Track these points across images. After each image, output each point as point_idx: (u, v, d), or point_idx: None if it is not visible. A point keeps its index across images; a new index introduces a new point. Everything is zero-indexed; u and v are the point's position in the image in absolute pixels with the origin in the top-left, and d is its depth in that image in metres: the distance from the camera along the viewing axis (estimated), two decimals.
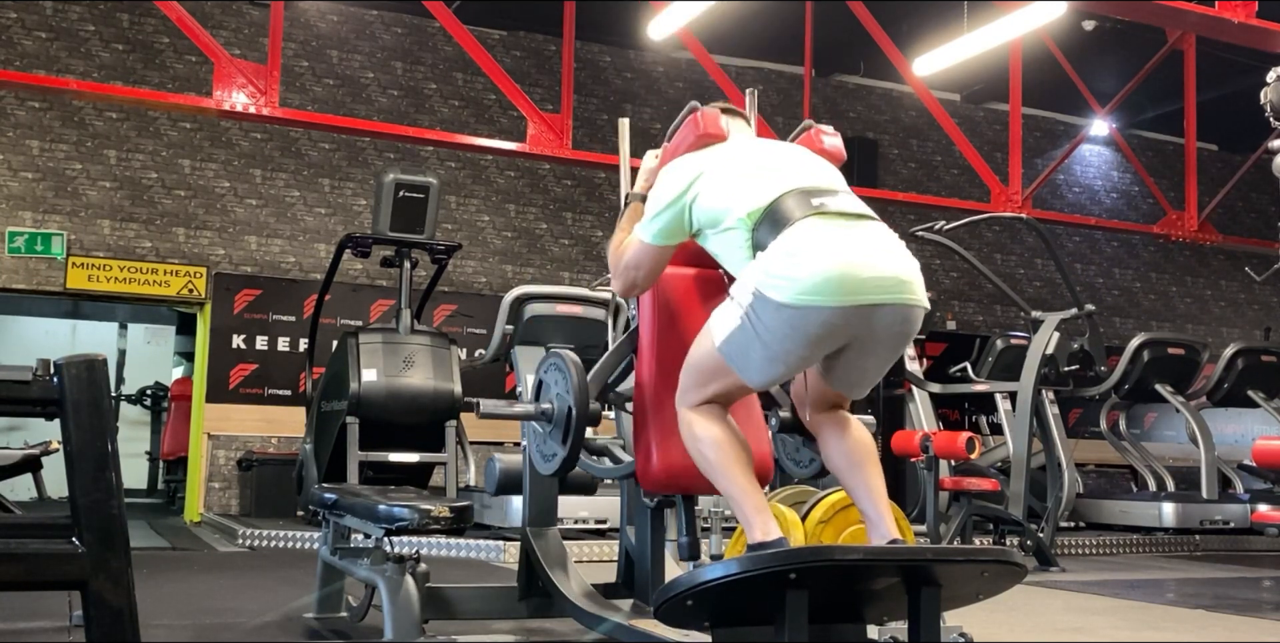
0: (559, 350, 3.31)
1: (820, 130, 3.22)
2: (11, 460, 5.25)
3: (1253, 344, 10.03)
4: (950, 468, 7.39)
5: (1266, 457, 5.63)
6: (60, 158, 9.78)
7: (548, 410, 3.25)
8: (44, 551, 2.21)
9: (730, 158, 2.99)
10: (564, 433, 3.19)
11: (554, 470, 3.29)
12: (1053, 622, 4.83)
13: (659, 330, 3.19)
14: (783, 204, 2.76)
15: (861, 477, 2.89)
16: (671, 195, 2.99)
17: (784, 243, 2.69)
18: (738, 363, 2.78)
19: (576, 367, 3.16)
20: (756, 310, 2.68)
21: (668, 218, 3.00)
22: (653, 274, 3.12)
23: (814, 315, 2.62)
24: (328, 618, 4.15)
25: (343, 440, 7.53)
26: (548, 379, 3.31)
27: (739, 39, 11.03)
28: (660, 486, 3.17)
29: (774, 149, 3.08)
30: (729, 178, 2.91)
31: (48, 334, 13.55)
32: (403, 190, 7.90)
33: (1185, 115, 11.38)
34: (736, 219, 2.83)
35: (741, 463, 2.84)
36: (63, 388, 2.23)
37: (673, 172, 3.04)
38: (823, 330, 2.65)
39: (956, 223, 7.84)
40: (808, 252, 2.65)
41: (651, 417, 3.13)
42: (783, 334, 2.67)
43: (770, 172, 2.89)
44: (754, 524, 2.75)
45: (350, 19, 10.91)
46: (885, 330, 2.72)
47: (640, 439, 3.16)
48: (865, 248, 2.70)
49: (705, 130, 3.09)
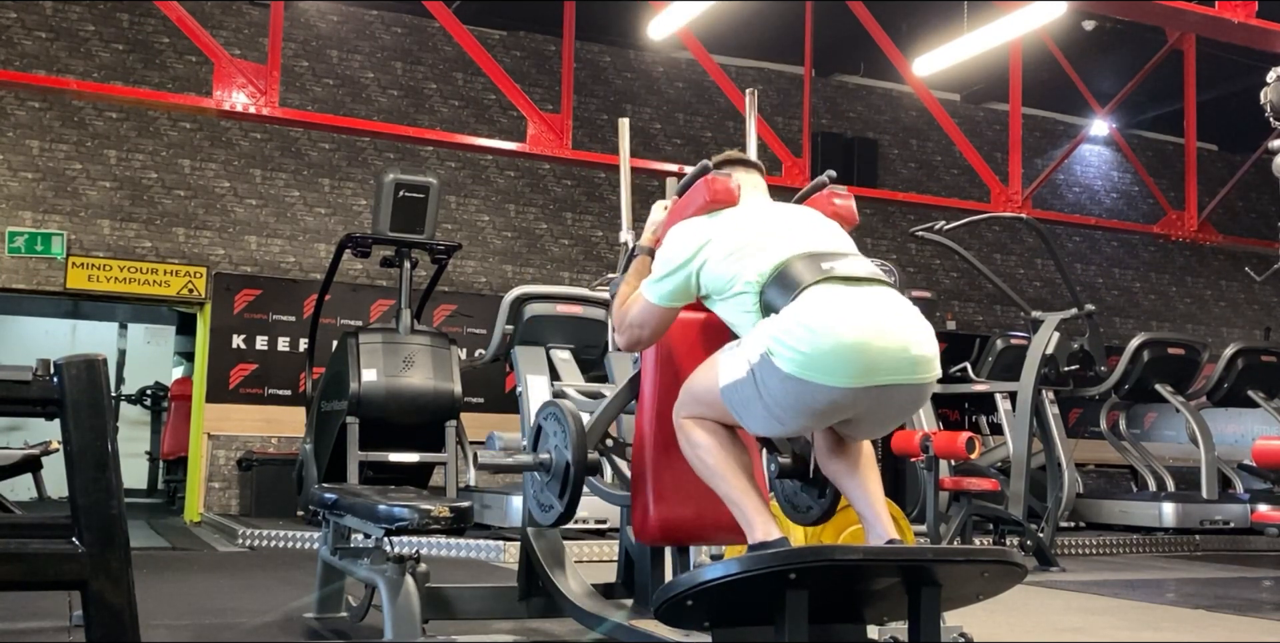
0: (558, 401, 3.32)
1: (833, 192, 3.19)
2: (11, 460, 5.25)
3: (1253, 344, 10.03)
4: (950, 468, 7.39)
5: (1266, 457, 5.63)
6: (60, 158, 9.79)
7: (546, 461, 3.28)
8: (44, 551, 2.21)
9: (739, 224, 2.96)
10: (561, 486, 3.21)
11: (552, 523, 3.32)
12: (1053, 622, 4.83)
13: (662, 380, 3.16)
14: (791, 267, 2.73)
15: (858, 479, 2.89)
16: (679, 260, 2.95)
17: (796, 311, 2.63)
18: (738, 411, 2.77)
19: (575, 418, 3.16)
20: (763, 374, 2.64)
21: (674, 281, 2.97)
22: (657, 333, 3.09)
23: (821, 393, 2.58)
24: (328, 618, 4.15)
25: (343, 440, 7.53)
26: (546, 428, 3.32)
27: (739, 39, 11.03)
28: (656, 540, 3.18)
29: (783, 213, 3.04)
30: (737, 245, 2.87)
31: (48, 334, 13.54)
32: (403, 190, 7.90)
33: (1185, 115, 11.38)
34: (745, 283, 2.80)
35: (740, 465, 2.84)
36: (63, 388, 2.23)
37: (681, 234, 3.01)
38: (828, 407, 2.63)
39: (956, 223, 7.84)
40: (820, 324, 2.57)
41: (650, 469, 3.12)
42: (786, 403, 2.64)
43: (779, 235, 2.86)
44: (755, 525, 2.76)
45: (350, 19, 10.91)
46: (895, 407, 2.72)
47: (638, 492, 3.15)
48: (879, 321, 2.61)
49: (715, 198, 3.04)
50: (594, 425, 3.23)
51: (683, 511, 3.07)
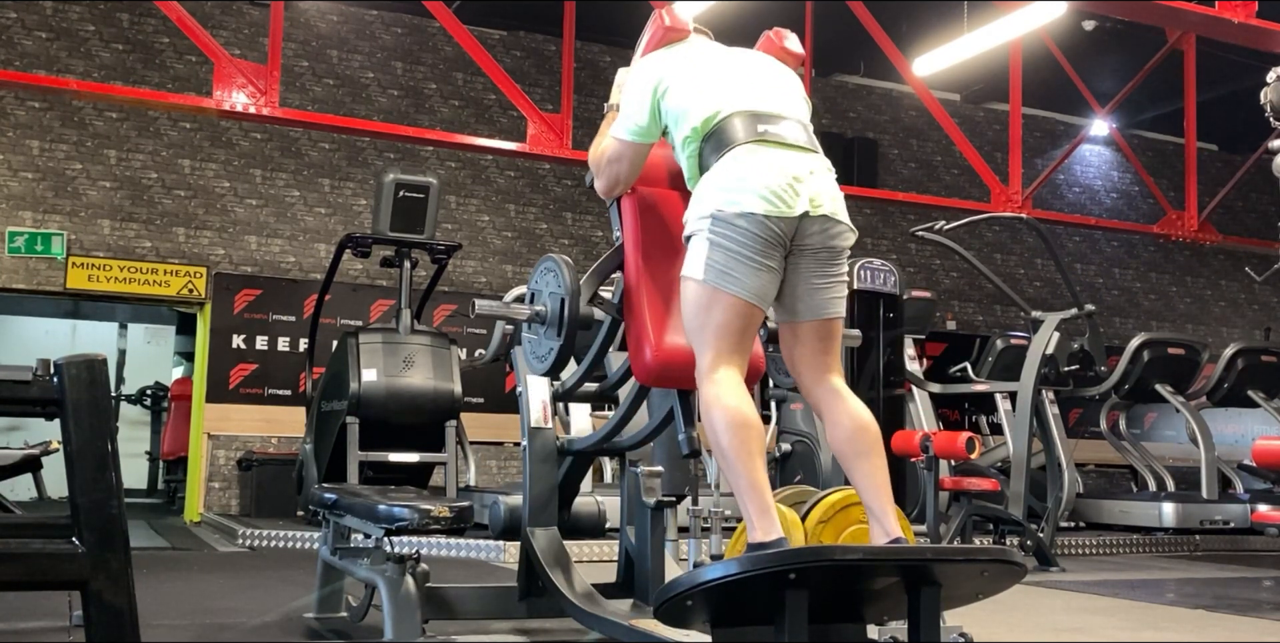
0: (551, 255, 3.45)
1: (780, 33, 3.43)
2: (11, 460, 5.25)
3: (1253, 344, 10.02)
4: (950, 468, 7.40)
5: (1266, 457, 5.63)
6: (60, 158, 9.79)
7: (541, 312, 3.39)
8: (44, 551, 2.21)
9: (694, 59, 3.21)
10: (558, 327, 3.31)
11: (549, 367, 3.41)
12: (1053, 622, 4.83)
13: (641, 236, 3.32)
14: (729, 123, 2.98)
15: (867, 467, 2.89)
16: (641, 91, 3.17)
17: (726, 168, 2.92)
18: (725, 281, 2.89)
19: (569, 265, 3.35)
20: (719, 228, 2.88)
21: (639, 112, 3.17)
22: (634, 170, 3.29)
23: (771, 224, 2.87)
24: (328, 618, 4.15)
25: (343, 440, 7.53)
26: (540, 284, 3.45)
27: (739, 39, 10.99)
28: (656, 377, 3.21)
29: (735, 58, 3.27)
30: (691, 79, 3.11)
31: (48, 334, 13.55)
32: (403, 190, 7.90)
33: (1185, 115, 11.38)
34: (690, 128, 3.04)
35: (755, 456, 2.82)
36: (63, 388, 2.23)
37: (641, 69, 3.26)
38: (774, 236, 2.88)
39: (956, 223, 7.84)
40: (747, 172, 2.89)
41: (641, 312, 3.22)
42: (749, 237, 2.86)
43: (726, 85, 3.08)
44: (756, 525, 2.76)
45: (350, 19, 10.91)
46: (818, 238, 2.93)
47: (632, 337, 3.25)
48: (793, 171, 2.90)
49: (670, 25, 3.33)
50: (586, 281, 3.34)
51: (677, 348, 3.14)
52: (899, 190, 12.20)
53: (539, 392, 3.93)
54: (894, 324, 7.57)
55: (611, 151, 3.26)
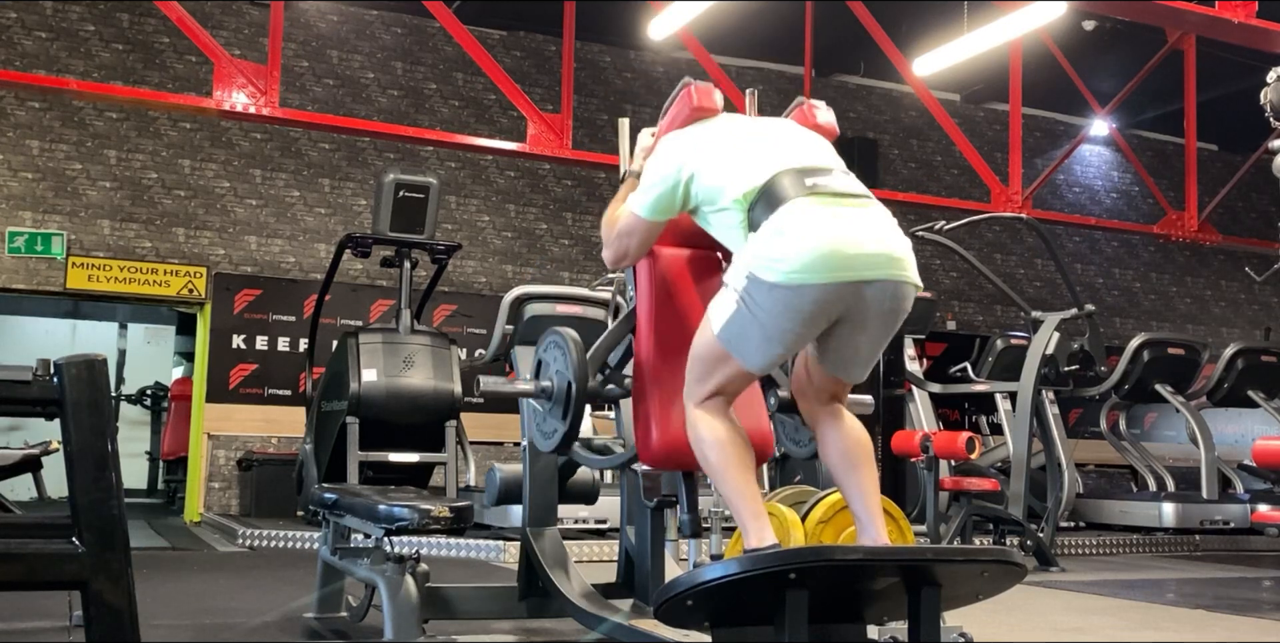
0: (559, 329, 3.33)
1: (813, 106, 3.24)
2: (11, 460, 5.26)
3: (1253, 344, 10.02)
4: (950, 468, 7.40)
5: (1266, 457, 5.64)
6: (60, 158, 9.78)
7: (547, 388, 3.29)
8: (44, 551, 2.21)
9: (725, 135, 3.04)
10: (564, 409, 3.22)
11: (554, 447, 3.33)
12: (1053, 622, 4.83)
13: (656, 308, 3.21)
14: (777, 184, 2.79)
15: (856, 478, 2.90)
16: (666, 170, 3.02)
17: (774, 223, 2.73)
18: (737, 348, 2.81)
19: (576, 344, 3.19)
20: (751, 293, 2.73)
21: (661, 192, 3.03)
22: (643, 246, 3.16)
23: (806, 293, 2.67)
24: (328, 618, 4.15)
25: (343, 440, 7.53)
26: (547, 357, 3.34)
27: (739, 39, 11.03)
28: (660, 460, 3.18)
29: (768, 126, 3.12)
30: (724, 156, 2.95)
31: (48, 334, 13.55)
32: (403, 190, 7.90)
33: (1185, 115, 11.38)
34: (732, 200, 2.87)
35: (742, 466, 2.84)
36: (63, 388, 2.23)
37: (668, 146, 3.09)
38: (815, 308, 2.70)
39: (956, 223, 7.84)
40: (797, 231, 2.69)
41: (650, 393, 3.15)
42: (778, 313, 2.71)
43: (764, 151, 2.92)
44: (750, 530, 2.77)
45: (350, 19, 10.91)
46: (877, 307, 2.75)
47: (640, 415, 3.18)
48: (855, 226, 2.72)
49: (699, 104, 3.13)
50: (593, 354, 3.25)
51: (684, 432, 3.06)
52: (899, 190, 12.19)
53: None
54: None
55: (625, 225, 3.13)
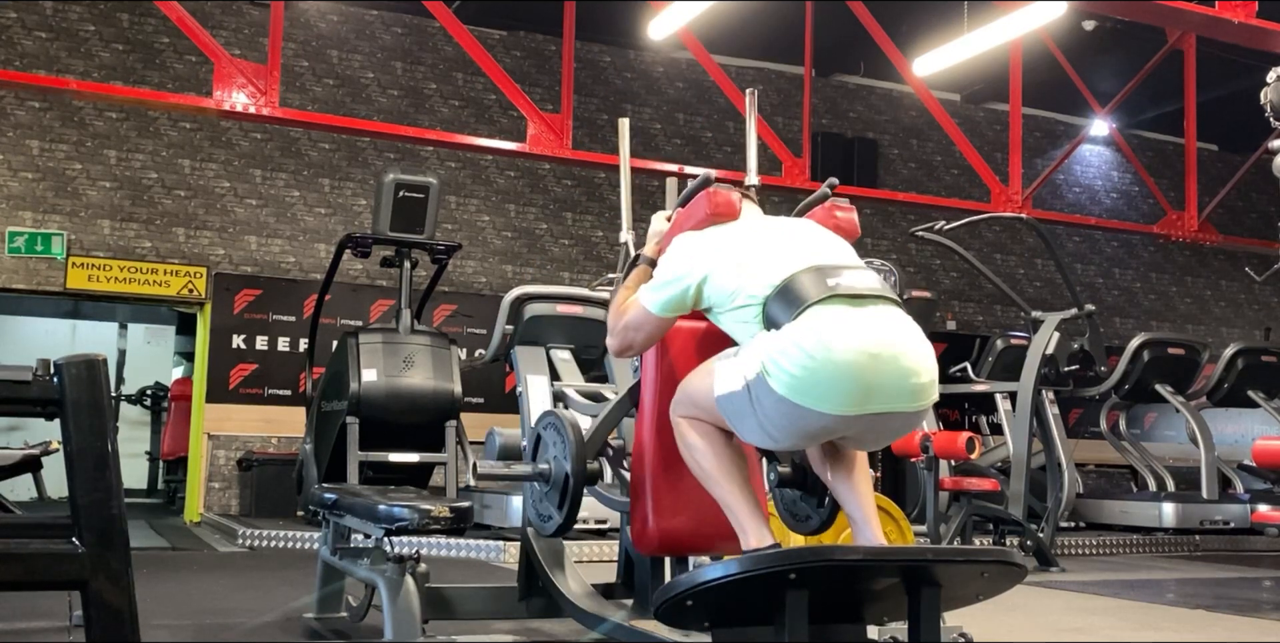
0: (558, 411, 3.31)
1: (835, 205, 3.15)
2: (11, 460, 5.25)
3: (1253, 344, 10.02)
4: (950, 468, 7.39)
5: (1266, 457, 5.63)
6: (60, 158, 9.78)
7: (545, 472, 3.28)
8: (44, 551, 2.21)
9: (743, 237, 2.95)
10: (561, 497, 3.21)
11: (551, 533, 3.34)
12: (1053, 622, 4.83)
13: (662, 389, 3.14)
14: (796, 281, 2.69)
15: (850, 481, 2.90)
16: (680, 271, 2.93)
17: (795, 331, 2.59)
18: (732, 420, 2.77)
19: (574, 429, 3.16)
20: (757, 390, 2.63)
21: (674, 292, 2.94)
22: (650, 341, 3.09)
23: (814, 418, 2.58)
24: (328, 618, 4.15)
25: (343, 440, 7.53)
26: (546, 438, 3.32)
27: (739, 39, 11.03)
28: (655, 551, 3.17)
29: (786, 227, 3.02)
30: (741, 257, 2.85)
31: (48, 334, 13.55)
32: (403, 190, 7.90)
33: (1185, 115, 11.38)
34: (748, 297, 2.76)
35: (735, 470, 2.85)
36: (63, 388, 2.23)
37: (684, 247, 3.00)
38: (820, 431, 2.65)
39: (956, 223, 7.84)
40: (817, 349, 2.54)
41: (650, 479, 3.10)
42: (779, 423, 2.64)
43: (783, 249, 2.84)
44: (748, 532, 2.78)
45: (350, 19, 10.91)
46: (889, 431, 2.73)
47: (637, 501, 3.15)
48: (878, 349, 2.56)
49: (717, 211, 3.03)
50: (593, 435, 3.22)
51: (682, 520, 3.06)
52: (899, 190, 12.19)
53: (539, 392, 3.92)
54: None
55: (633, 319, 3.03)
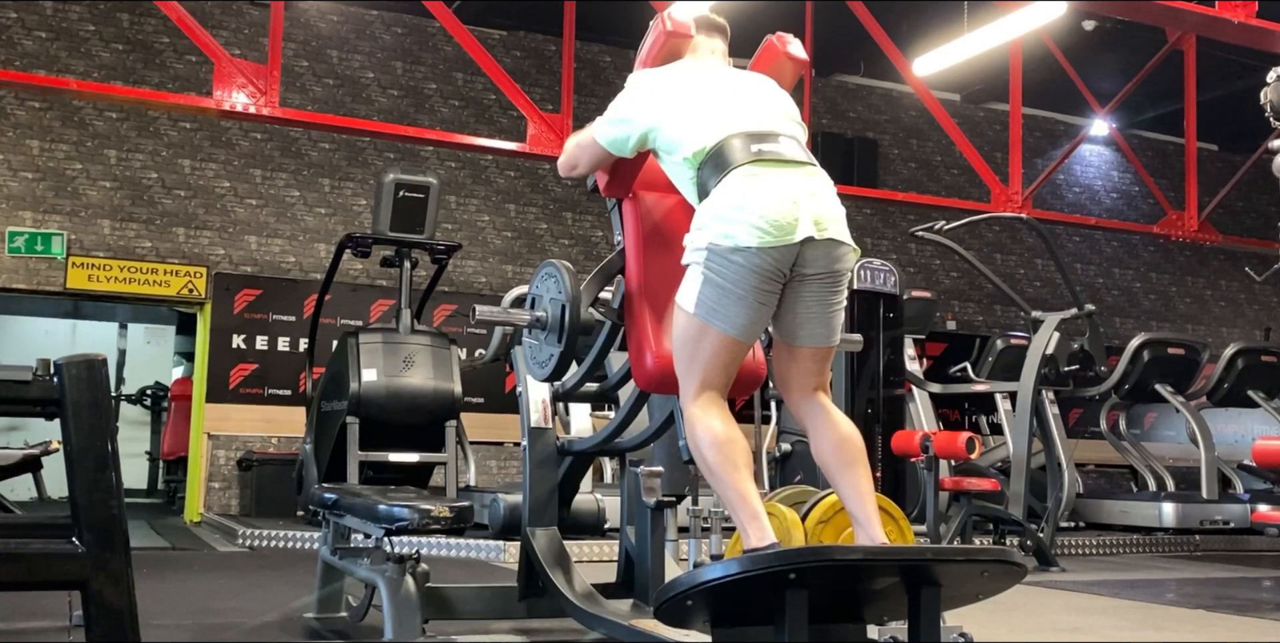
0: (553, 260, 3.46)
1: (781, 37, 3.42)
2: (11, 460, 5.25)
3: (1253, 344, 10.03)
4: (950, 468, 7.40)
5: (1266, 457, 5.63)
6: (60, 158, 9.78)
7: (541, 318, 3.39)
8: (44, 551, 2.21)
9: (688, 87, 3.15)
10: (559, 333, 3.31)
11: (549, 373, 3.40)
12: (1053, 622, 4.83)
13: (642, 243, 3.33)
14: (726, 147, 2.95)
15: (850, 477, 2.92)
16: (630, 114, 3.17)
17: (723, 194, 2.89)
18: (713, 319, 2.90)
19: (569, 271, 3.35)
20: (712, 264, 2.87)
21: (620, 132, 3.18)
22: (592, 165, 3.33)
23: (765, 257, 2.84)
24: (328, 618, 4.15)
25: (343, 440, 7.53)
26: (540, 289, 3.45)
27: (739, 39, 10.96)
28: (656, 383, 3.23)
29: (730, 81, 3.21)
30: (683, 111, 3.07)
31: (48, 334, 13.54)
32: (403, 190, 7.90)
33: (1185, 115, 11.37)
34: (683, 158, 3.03)
35: (740, 467, 2.85)
36: (63, 388, 2.23)
37: (637, 86, 3.24)
38: (772, 267, 2.86)
39: (956, 223, 7.84)
40: (746, 202, 2.84)
41: (641, 318, 3.24)
42: (743, 273, 2.85)
43: (720, 110, 3.05)
44: (749, 531, 2.78)
45: (350, 19, 10.91)
46: (816, 264, 2.90)
47: (633, 342, 3.25)
48: (794, 192, 2.87)
49: (673, 30, 3.28)
50: (586, 286, 3.34)
51: None
52: (899, 190, 12.20)
53: (539, 392, 3.93)
54: (894, 324, 7.56)
55: (583, 139, 3.31)
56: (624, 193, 3.37)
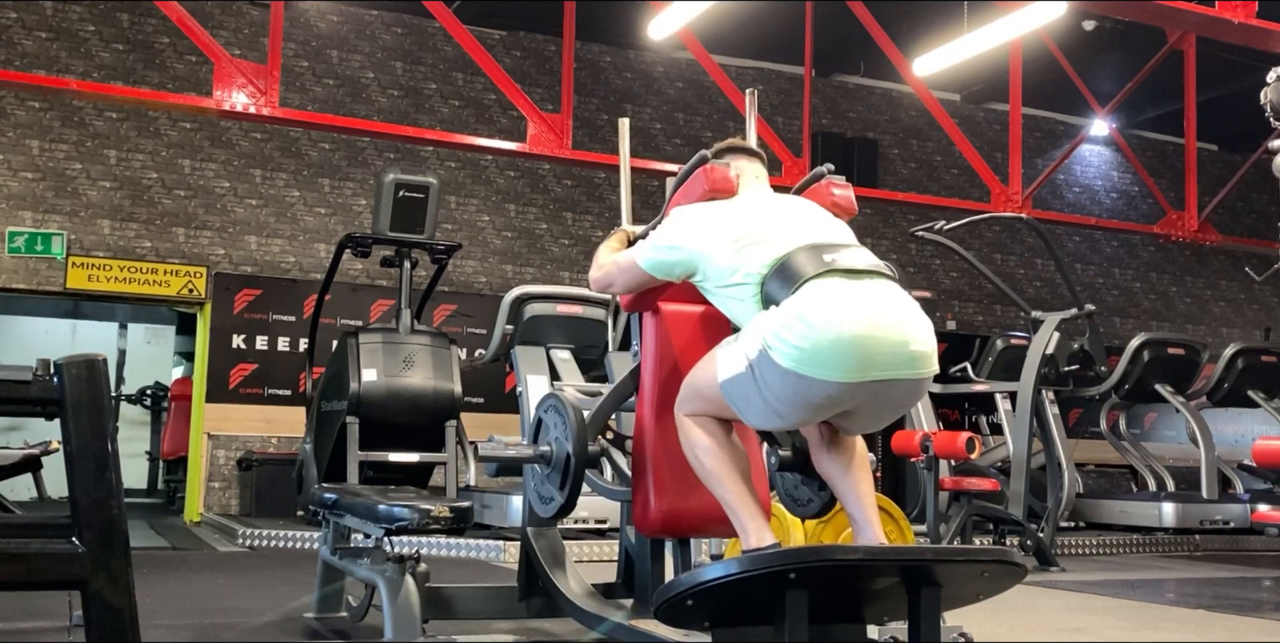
0: (558, 393, 3.31)
1: (831, 183, 3.17)
2: (11, 460, 5.24)
3: (1253, 344, 10.02)
4: (950, 468, 7.39)
5: (1266, 457, 5.63)
6: (60, 158, 9.78)
7: (546, 454, 3.28)
8: (44, 551, 2.21)
9: (741, 215, 2.96)
10: (562, 478, 3.21)
11: (552, 515, 3.32)
12: (1053, 622, 4.83)
13: (663, 371, 3.17)
14: (793, 259, 2.72)
15: (850, 481, 2.90)
16: (679, 240, 2.97)
17: (795, 304, 2.62)
18: (737, 405, 2.78)
19: (575, 410, 3.17)
20: (761, 368, 2.65)
21: (666, 257, 2.99)
22: (629, 288, 3.16)
23: (818, 387, 2.59)
24: (328, 618, 4.15)
25: (343, 440, 7.53)
26: (547, 420, 3.32)
27: (739, 39, 11.03)
28: (657, 532, 3.18)
29: (783, 204, 3.05)
30: (739, 236, 2.87)
31: (48, 334, 13.54)
32: (403, 190, 7.90)
33: (1185, 115, 11.38)
34: (745, 275, 2.80)
35: (737, 470, 2.85)
36: (63, 388, 2.23)
37: (685, 216, 3.02)
38: (826, 401, 2.64)
39: (956, 223, 7.84)
40: (817, 319, 2.57)
41: (651, 460, 3.11)
42: (785, 397, 2.64)
43: (780, 227, 2.86)
44: (748, 531, 2.78)
45: (350, 19, 10.91)
46: (893, 402, 2.73)
47: (639, 484, 3.15)
48: (877, 316, 2.60)
49: (714, 187, 3.06)
50: (594, 418, 3.24)
51: (684, 502, 3.07)
52: (899, 190, 12.19)
53: (539, 392, 3.92)
54: None
55: (624, 261, 3.13)
56: (649, 307, 3.23)
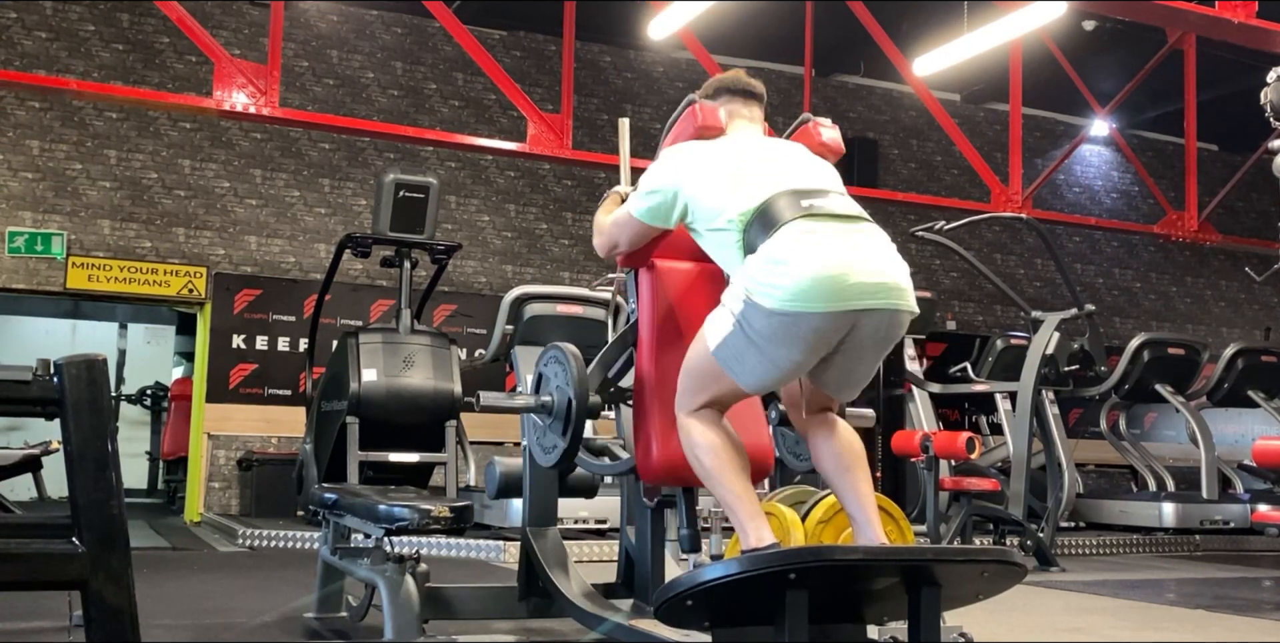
0: (559, 344, 3.31)
1: (818, 123, 3.25)
2: (11, 460, 5.25)
3: (1253, 344, 10.03)
4: (950, 468, 7.40)
5: (1266, 457, 5.64)
6: (60, 158, 9.78)
7: (547, 403, 3.28)
8: (44, 551, 2.21)
9: (726, 156, 3.03)
10: (564, 425, 3.21)
11: (554, 462, 3.32)
12: (1053, 622, 4.83)
13: (659, 323, 3.22)
14: (773, 205, 2.80)
15: (849, 481, 2.91)
16: (665, 182, 3.05)
17: (772, 248, 2.72)
18: (732, 367, 2.80)
19: (576, 359, 3.18)
20: (748, 317, 2.72)
21: (657, 200, 3.07)
22: (633, 242, 3.22)
23: (804, 321, 2.67)
24: (328, 618, 4.15)
25: (343, 440, 7.53)
26: (547, 372, 3.33)
27: (739, 39, 11.02)
28: (660, 478, 3.18)
29: (769, 148, 3.10)
30: (723, 177, 2.95)
31: (48, 334, 13.55)
32: (403, 190, 7.90)
33: (1185, 115, 11.38)
34: (727, 220, 2.88)
35: (736, 469, 2.85)
36: (63, 388, 2.23)
37: (670, 158, 3.10)
38: (814, 335, 2.69)
39: (956, 223, 7.84)
40: (795, 258, 2.67)
41: (651, 409, 3.14)
42: (776, 339, 2.70)
43: (763, 172, 2.93)
44: (748, 531, 2.78)
45: (350, 19, 10.91)
46: (872, 335, 2.77)
47: (640, 432, 3.17)
48: (853, 252, 2.72)
49: (703, 123, 3.14)
50: (593, 370, 3.24)
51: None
52: (899, 190, 12.19)
53: None
54: None
55: (619, 217, 3.20)
56: (644, 262, 3.26)
